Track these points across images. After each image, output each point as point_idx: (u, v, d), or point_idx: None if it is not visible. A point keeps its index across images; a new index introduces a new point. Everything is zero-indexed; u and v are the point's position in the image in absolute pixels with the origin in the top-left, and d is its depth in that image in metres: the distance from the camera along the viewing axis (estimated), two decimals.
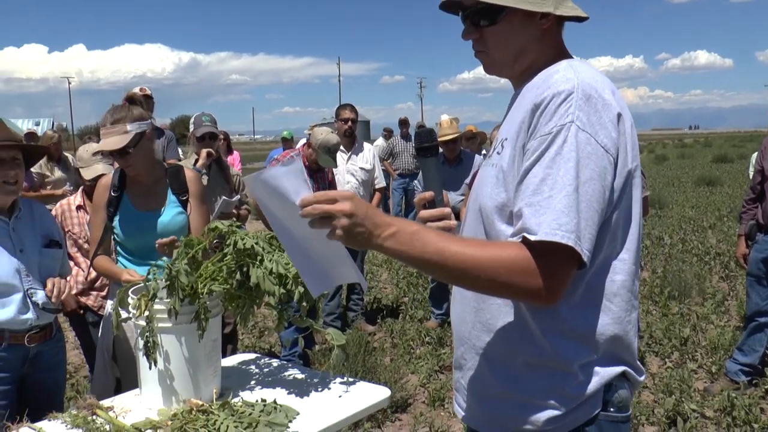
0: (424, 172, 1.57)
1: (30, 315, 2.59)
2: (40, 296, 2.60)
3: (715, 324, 5.69)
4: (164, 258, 2.23)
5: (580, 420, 1.36)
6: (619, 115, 1.30)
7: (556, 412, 1.36)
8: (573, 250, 1.20)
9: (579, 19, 1.48)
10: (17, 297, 2.56)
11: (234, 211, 4.35)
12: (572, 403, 1.36)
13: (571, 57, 1.48)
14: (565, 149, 1.23)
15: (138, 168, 2.85)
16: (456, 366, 1.57)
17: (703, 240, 9.50)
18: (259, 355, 2.64)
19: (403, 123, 11.04)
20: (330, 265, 1.47)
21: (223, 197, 4.16)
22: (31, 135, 9.38)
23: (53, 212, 3.75)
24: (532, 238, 1.20)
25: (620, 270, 1.36)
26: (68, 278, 2.92)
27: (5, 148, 2.54)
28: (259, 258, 2.02)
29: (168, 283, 1.98)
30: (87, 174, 3.69)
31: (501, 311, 1.40)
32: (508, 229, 1.33)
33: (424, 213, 1.50)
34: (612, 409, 1.38)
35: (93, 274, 3.75)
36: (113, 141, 2.75)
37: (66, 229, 3.78)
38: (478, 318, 1.44)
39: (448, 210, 1.50)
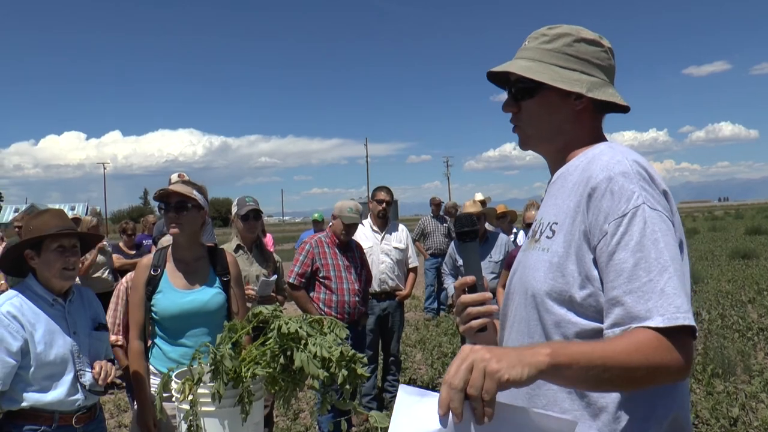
0: (464, 257, 1.54)
1: (79, 396, 2.64)
2: (87, 378, 2.66)
3: (765, 403, 5.47)
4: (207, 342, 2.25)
5: None
6: (666, 192, 1.33)
7: None
8: (691, 327, 1.19)
9: (621, 109, 1.52)
10: (68, 378, 2.62)
11: (272, 294, 4.38)
12: None
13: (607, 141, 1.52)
14: (647, 231, 1.23)
15: (182, 233, 2.95)
16: None
17: (743, 315, 9.23)
18: None
19: (435, 203, 11.11)
20: None
21: (262, 278, 4.20)
22: (75, 220, 9.64)
23: (120, 286, 3.90)
24: (659, 325, 1.17)
25: None
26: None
27: (67, 236, 2.65)
28: (303, 342, 2.03)
29: (212, 367, 1.99)
30: None
31: (557, 396, 1.36)
32: (568, 314, 1.32)
33: (466, 298, 1.45)
34: None
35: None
36: (180, 187, 2.94)
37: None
38: (531, 404, 1.38)
39: (489, 294, 1.46)
